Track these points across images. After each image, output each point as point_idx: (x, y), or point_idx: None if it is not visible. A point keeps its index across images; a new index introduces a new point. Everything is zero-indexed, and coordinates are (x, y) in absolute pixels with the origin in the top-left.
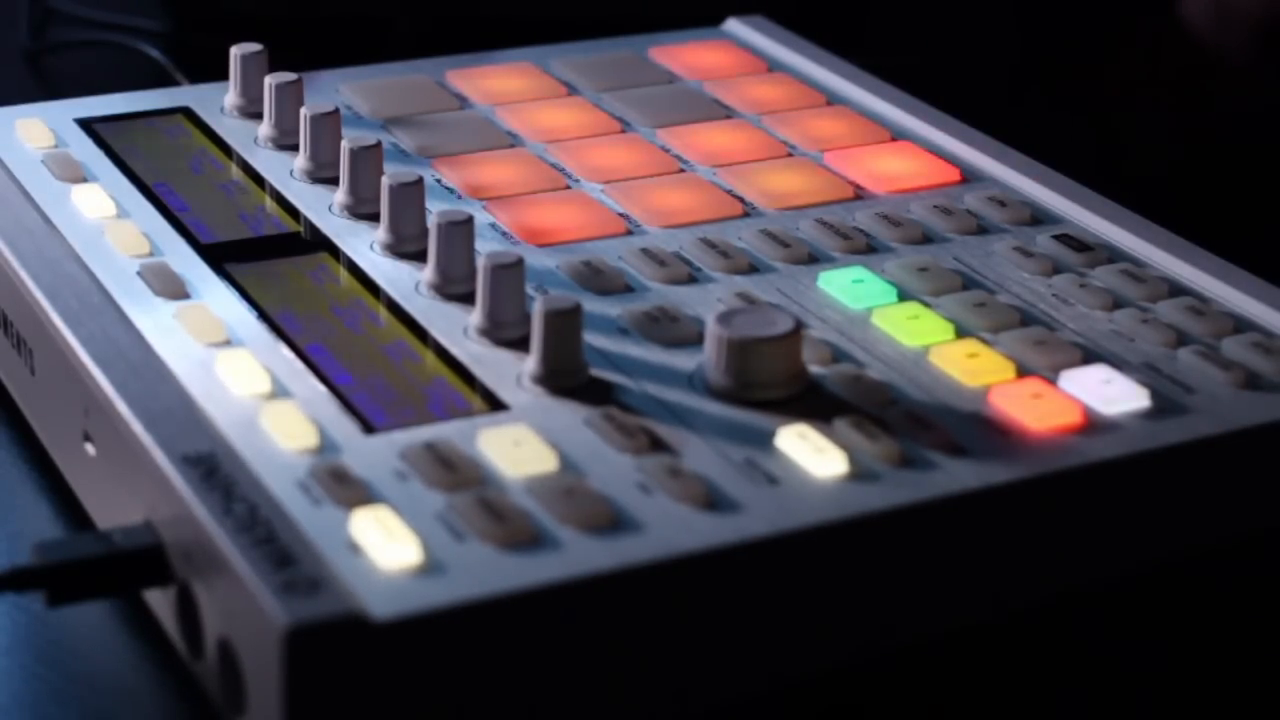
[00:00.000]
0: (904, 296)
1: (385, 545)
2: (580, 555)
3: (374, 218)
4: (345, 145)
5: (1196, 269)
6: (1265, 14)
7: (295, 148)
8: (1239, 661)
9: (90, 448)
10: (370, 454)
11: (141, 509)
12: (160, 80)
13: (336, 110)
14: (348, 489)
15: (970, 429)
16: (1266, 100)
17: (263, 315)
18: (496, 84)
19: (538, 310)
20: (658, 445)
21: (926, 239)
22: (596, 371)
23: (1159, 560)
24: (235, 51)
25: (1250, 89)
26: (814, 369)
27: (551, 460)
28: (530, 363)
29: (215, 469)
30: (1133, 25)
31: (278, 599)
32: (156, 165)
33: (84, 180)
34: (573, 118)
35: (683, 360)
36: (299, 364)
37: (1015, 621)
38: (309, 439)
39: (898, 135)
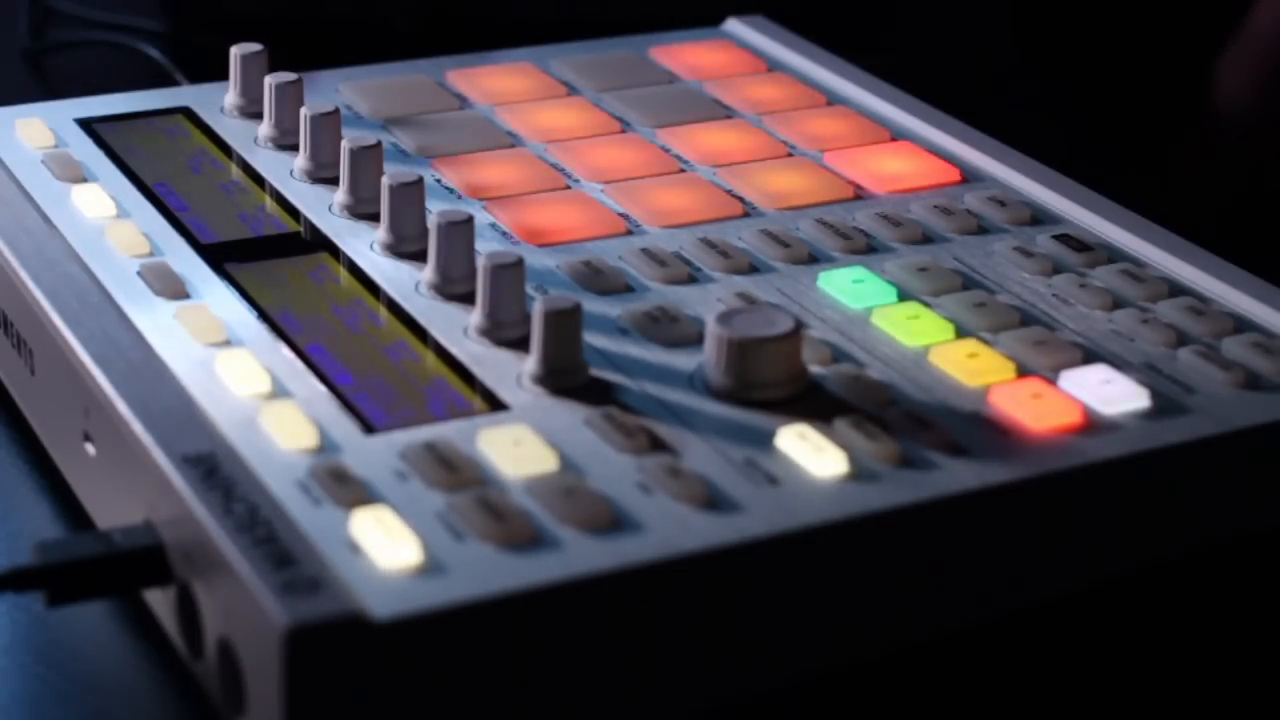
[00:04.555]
0: (904, 296)
1: (385, 545)
2: (580, 555)
3: (374, 218)
4: (345, 145)
5: (1196, 269)
6: None
7: (295, 148)
8: (1239, 661)
9: (90, 448)
10: (370, 454)
11: (141, 509)
12: (160, 80)
13: (336, 110)
14: (348, 489)
15: (970, 429)
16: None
17: (263, 315)
18: (496, 84)
19: (538, 310)
20: (658, 445)
21: (926, 239)
22: (596, 371)
23: (1159, 560)
24: (235, 51)
25: None
26: (814, 369)
27: (551, 460)
28: (530, 363)
29: (215, 469)
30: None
31: (278, 599)
32: (156, 165)
33: (84, 180)
34: (573, 118)
35: (683, 360)
36: (299, 364)
37: (1015, 621)
38: (309, 439)
39: (898, 135)
